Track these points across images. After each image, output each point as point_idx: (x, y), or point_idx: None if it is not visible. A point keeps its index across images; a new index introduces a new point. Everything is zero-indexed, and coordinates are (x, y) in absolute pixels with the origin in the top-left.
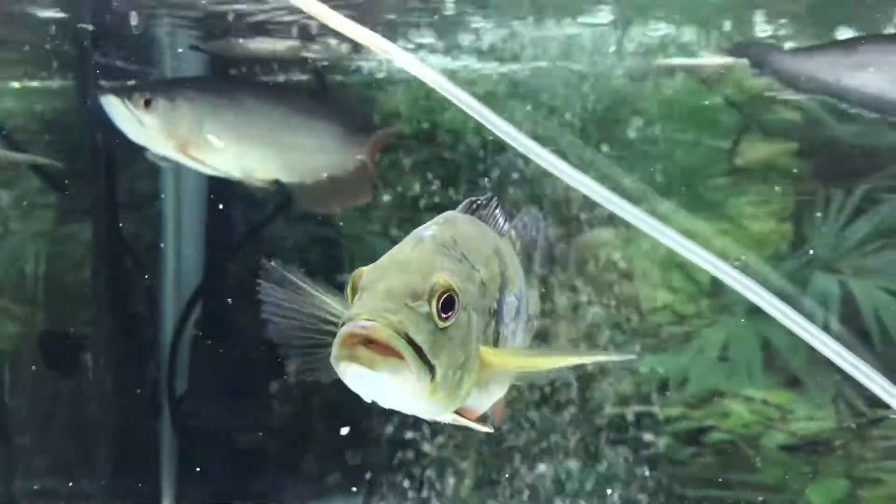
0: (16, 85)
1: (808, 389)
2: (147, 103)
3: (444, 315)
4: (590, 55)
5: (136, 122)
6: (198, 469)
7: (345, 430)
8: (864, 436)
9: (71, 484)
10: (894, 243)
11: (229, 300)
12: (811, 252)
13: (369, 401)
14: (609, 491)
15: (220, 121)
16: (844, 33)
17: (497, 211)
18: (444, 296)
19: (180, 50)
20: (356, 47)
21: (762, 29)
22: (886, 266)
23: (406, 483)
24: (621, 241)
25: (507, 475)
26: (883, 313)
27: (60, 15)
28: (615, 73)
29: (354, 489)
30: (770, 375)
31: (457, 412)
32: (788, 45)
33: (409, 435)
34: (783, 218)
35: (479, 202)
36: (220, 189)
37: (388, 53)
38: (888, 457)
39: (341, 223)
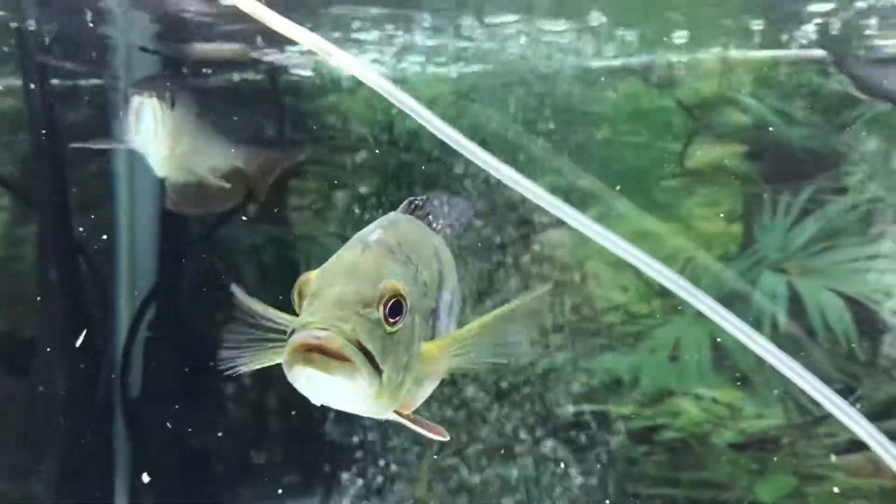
0: None
1: (757, 388)
2: (172, 103)
3: (391, 320)
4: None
5: (162, 123)
6: (152, 472)
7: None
8: (810, 433)
9: (22, 488)
10: (839, 244)
11: (183, 301)
12: (759, 252)
13: (318, 404)
14: (561, 490)
15: (202, 118)
16: None
17: (433, 208)
18: (392, 301)
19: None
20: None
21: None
22: (831, 266)
23: (362, 483)
24: (574, 242)
25: (459, 475)
26: (828, 313)
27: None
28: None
29: (311, 490)
30: (720, 374)
31: (397, 411)
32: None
33: (364, 435)
34: (733, 219)
35: (416, 202)
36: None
37: (330, 55)
38: (833, 453)
39: (296, 224)
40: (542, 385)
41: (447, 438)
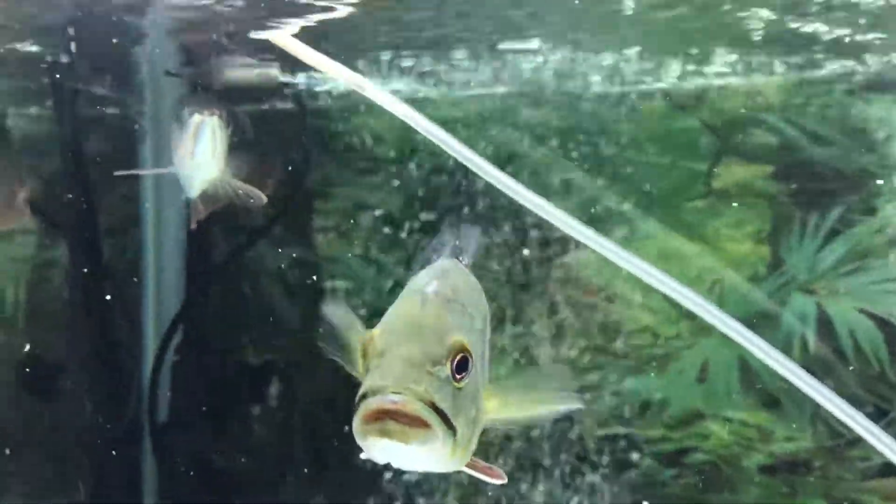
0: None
1: (787, 410)
2: (227, 123)
3: (459, 376)
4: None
5: (220, 142)
6: (179, 495)
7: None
8: (842, 456)
9: None
10: (869, 264)
11: (210, 324)
12: (788, 273)
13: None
14: None
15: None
16: None
17: (449, 243)
18: (459, 357)
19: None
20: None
21: None
22: (861, 287)
23: None
24: (601, 263)
25: (486, 497)
26: (858, 334)
27: (37, 49)
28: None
29: None
30: (749, 396)
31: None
32: None
33: None
34: (760, 239)
35: (458, 250)
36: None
37: (363, 88)
38: (866, 477)
39: (321, 245)
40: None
41: (506, 481)
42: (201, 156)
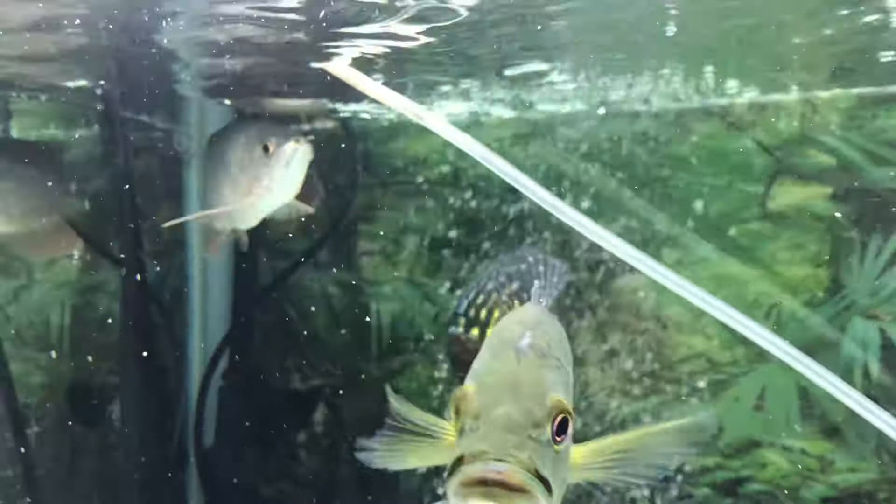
0: (43, 133)
1: (849, 439)
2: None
3: (559, 438)
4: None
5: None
6: None
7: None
8: None
9: None
10: None
11: (257, 349)
12: (848, 298)
13: None
14: None
15: None
16: None
17: (526, 270)
18: (560, 419)
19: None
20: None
21: None
22: None
23: None
24: (653, 287)
25: None
26: None
27: (86, 83)
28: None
29: None
30: (809, 424)
31: None
32: None
33: (438, 486)
34: (819, 263)
35: (541, 292)
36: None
37: (421, 118)
38: None
39: (365, 269)
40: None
41: None
42: (289, 184)
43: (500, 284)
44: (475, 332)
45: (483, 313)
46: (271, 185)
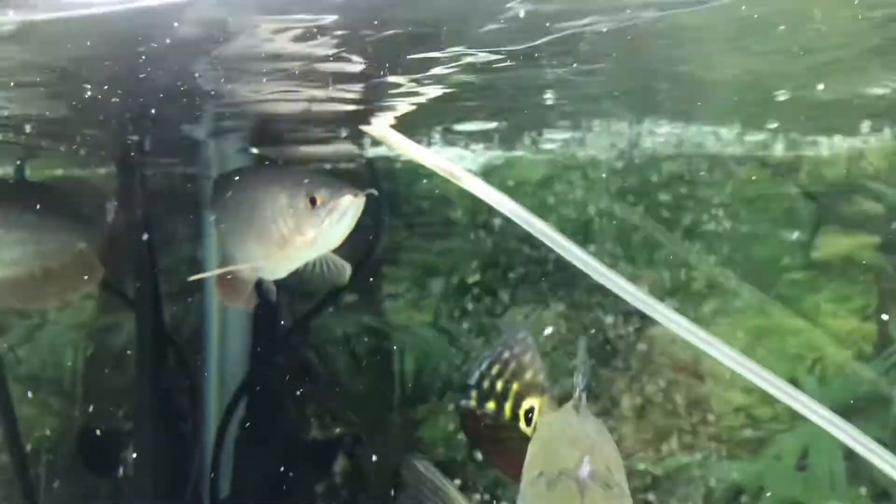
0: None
1: None
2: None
3: None
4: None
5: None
6: None
7: None
8: None
9: None
10: None
11: (275, 395)
12: None
13: None
14: None
15: None
16: None
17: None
18: None
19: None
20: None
21: None
22: None
23: None
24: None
25: None
26: None
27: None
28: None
29: None
30: (855, 486)
31: None
32: None
33: None
34: (866, 316)
35: (581, 396)
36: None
37: (460, 179)
38: None
39: (389, 313)
40: (658, 494)
41: None
42: (336, 238)
43: (515, 355)
44: (491, 405)
45: (499, 385)
46: (318, 238)
